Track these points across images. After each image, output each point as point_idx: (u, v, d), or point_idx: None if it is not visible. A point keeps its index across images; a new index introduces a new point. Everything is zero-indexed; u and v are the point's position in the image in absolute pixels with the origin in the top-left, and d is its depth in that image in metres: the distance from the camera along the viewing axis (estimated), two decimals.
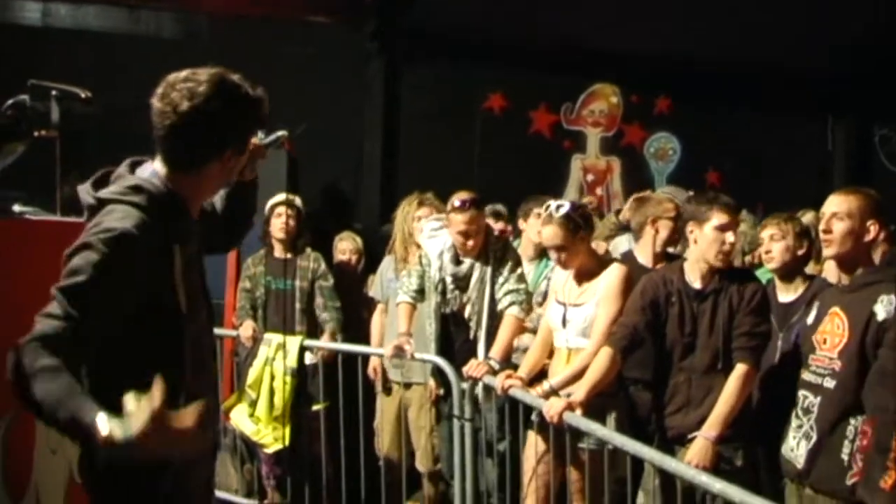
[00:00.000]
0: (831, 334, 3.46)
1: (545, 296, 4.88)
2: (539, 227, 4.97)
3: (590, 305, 4.18)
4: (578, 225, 4.20)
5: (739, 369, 3.77)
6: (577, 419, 3.85)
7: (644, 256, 4.80)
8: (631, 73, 9.05)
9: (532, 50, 8.48)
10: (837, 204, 3.49)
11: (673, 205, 4.88)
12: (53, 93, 3.28)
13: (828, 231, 3.47)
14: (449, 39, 8.26)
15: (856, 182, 8.45)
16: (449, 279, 4.89)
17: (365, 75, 8.34)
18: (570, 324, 4.22)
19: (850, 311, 3.39)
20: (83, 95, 3.35)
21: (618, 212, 6.33)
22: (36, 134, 3.19)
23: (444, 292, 4.92)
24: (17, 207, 3.04)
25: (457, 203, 4.74)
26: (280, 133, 3.03)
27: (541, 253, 5.23)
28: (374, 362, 5.41)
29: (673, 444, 3.91)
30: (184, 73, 2.35)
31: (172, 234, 2.33)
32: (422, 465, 5.33)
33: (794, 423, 3.57)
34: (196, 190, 2.44)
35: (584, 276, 4.28)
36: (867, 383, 3.25)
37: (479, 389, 4.63)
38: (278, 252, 5.68)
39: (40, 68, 3.75)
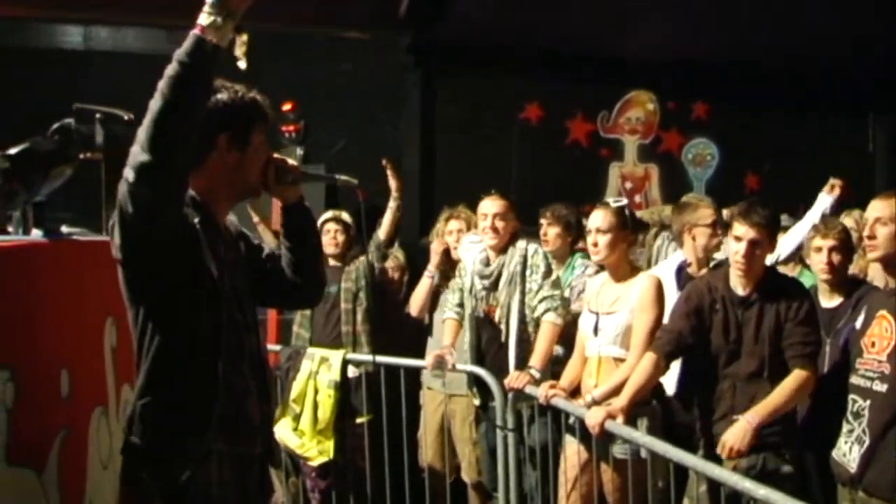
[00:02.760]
0: (879, 337, 3.45)
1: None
2: (553, 230, 5.27)
3: (622, 314, 4.19)
4: (627, 222, 4.28)
5: (798, 373, 3.74)
6: (617, 427, 3.85)
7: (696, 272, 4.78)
8: (667, 79, 9.01)
9: (567, 59, 8.48)
10: (880, 209, 3.49)
11: (710, 210, 4.82)
12: (97, 116, 3.34)
13: (872, 237, 3.48)
14: (483, 51, 8.29)
15: None
16: (477, 279, 4.92)
17: (401, 89, 8.39)
18: (602, 332, 4.24)
19: None
20: (126, 118, 3.41)
21: None
22: (81, 156, 3.25)
23: (476, 295, 4.96)
24: (64, 228, 3.10)
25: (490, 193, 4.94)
26: (346, 178, 3.05)
27: (562, 259, 5.27)
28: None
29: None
30: None
31: (193, 218, 2.45)
32: (468, 476, 5.34)
33: (845, 427, 3.55)
34: (207, 189, 2.53)
35: (615, 280, 4.30)
36: None
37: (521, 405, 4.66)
38: (331, 262, 5.81)
39: (83, 91, 3.83)
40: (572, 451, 4.31)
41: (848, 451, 3.52)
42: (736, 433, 3.69)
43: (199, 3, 2.24)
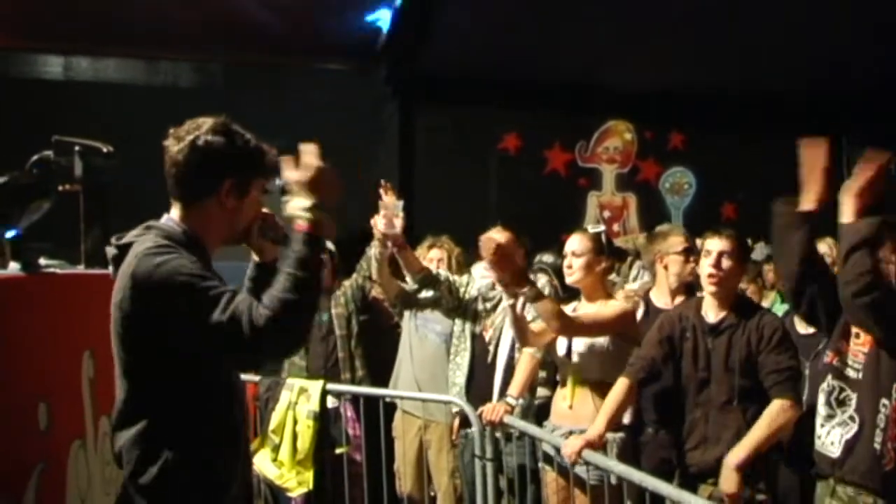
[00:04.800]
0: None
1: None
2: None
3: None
4: (604, 248, 4.32)
5: (777, 402, 3.73)
6: (592, 455, 3.88)
7: (660, 297, 4.78)
8: (644, 109, 9.11)
9: (545, 89, 8.56)
10: None
11: (681, 238, 4.81)
12: (76, 148, 3.36)
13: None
14: (462, 81, 8.35)
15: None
16: (481, 300, 5.02)
17: (380, 119, 8.45)
18: (576, 355, 4.26)
19: None
20: (105, 150, 3.43)
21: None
22: (60, 188, 3.26)
23: (475, 315, 5.03)
24: (42, 261, 3.11)
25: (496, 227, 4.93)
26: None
27: None
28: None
29: (695, 480, 3.91)
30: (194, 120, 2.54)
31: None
32: None
33: (824, 412, 3.55)
34: (202, 228, 2.55)
35: (588, 303, 4.33)
36: None
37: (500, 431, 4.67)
38: None
39: (63, 121, 3.83)
40: (550, 479, 4.33)
41: (825, 435, 3.53)
42: (725, 481, 3.72)
43: (178, 34, 2.29)
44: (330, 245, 5.90)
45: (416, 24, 7.70)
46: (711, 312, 3.97)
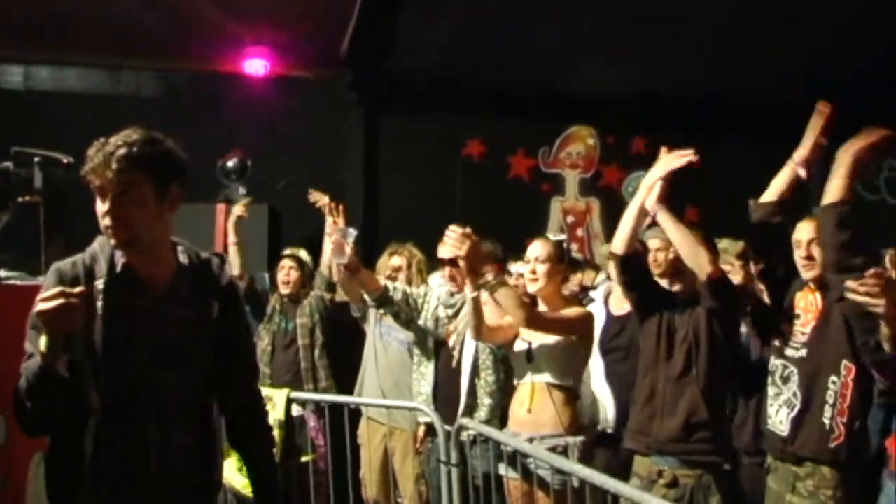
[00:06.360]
0: (805, 310, 3.69)
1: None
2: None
3: (555, 338, 4.26)
4: (564, 256, 4.39)
5: None
6: (555, 459, 3.91)
7: (616, 304, 4.84)
8: (607, 114, 9.16)
9: (508, 96, 8.59)
10: (811, 230, 3.65)
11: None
12: (36, 159, 3.35)
13: (810, 257, 3.64)
14: (426, 88, 8.37)
15: None
16: (442, 308, 5.04)
17: (344, 125, 8.45)
18: (536, 359, 4.30)
19: (824, 290, 3.59)
20: (65, 161, 3.42)
21: None
22: (20, 200, 3.26)
23: (439, 323, 5.04)
24: (2, 272, 3.09)
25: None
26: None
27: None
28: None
29: (651, 453, 3.97)
30: None
31: (97, 273, 2.51)
32: None
33: (771, 391, 3.71)
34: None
35: (547, 309, 4.37)
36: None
37: (464, 435, 4.68)
38: (284, 298, 5.97)
39: (23, 132, 3.82)
40: (514, 485, 4.35)
41: (774, 414, 3.70)
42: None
43: (141, 44, 2.29)
44: (303, 254, 5.95)
45: (380, 31, 7.72)
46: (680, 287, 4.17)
